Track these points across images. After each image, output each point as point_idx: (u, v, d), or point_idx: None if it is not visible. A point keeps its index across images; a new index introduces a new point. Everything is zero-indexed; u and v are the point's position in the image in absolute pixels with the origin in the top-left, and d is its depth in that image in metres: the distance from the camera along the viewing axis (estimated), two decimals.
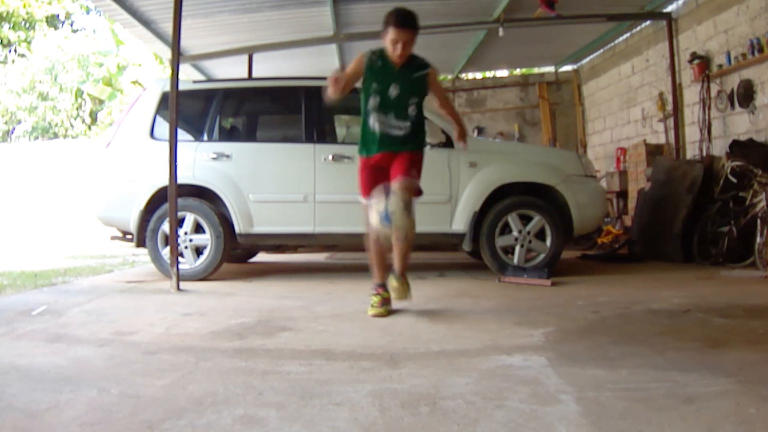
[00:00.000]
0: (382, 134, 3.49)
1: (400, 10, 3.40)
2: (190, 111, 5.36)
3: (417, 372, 2.32)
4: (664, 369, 2.30)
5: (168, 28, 5.98)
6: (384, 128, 3.48)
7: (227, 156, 5.11)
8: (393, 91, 3.44)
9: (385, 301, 3.57)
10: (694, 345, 2.65)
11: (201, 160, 5.09)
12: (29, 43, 20.20)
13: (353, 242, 5.74)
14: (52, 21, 21.30)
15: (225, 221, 5.06)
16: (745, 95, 6.02)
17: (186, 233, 5.01)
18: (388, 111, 3.46)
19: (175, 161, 4.53)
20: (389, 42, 3.39)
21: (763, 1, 5.77)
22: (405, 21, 3.35)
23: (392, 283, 3.56)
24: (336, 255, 7.25)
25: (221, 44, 7.74)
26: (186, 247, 5.02)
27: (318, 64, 9.08)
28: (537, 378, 2.21)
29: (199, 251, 5.06)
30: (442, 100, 3.70)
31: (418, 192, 3.55)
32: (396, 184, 3.34)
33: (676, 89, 7.15)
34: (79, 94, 18.60)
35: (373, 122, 3.48)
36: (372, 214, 3.28)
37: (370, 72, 3.46)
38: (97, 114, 18.59)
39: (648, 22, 7.97)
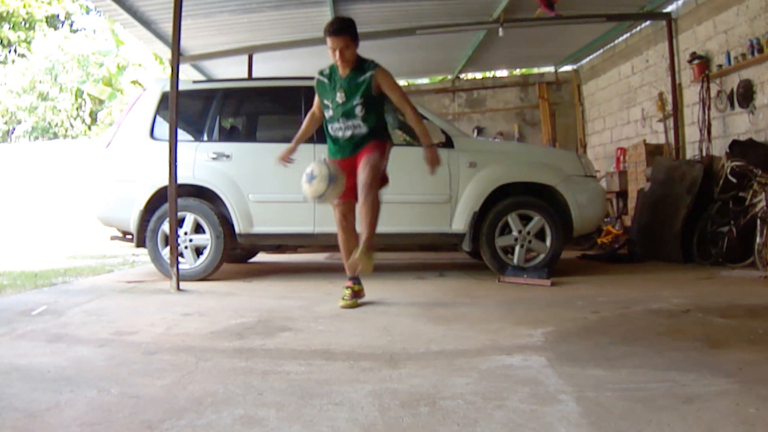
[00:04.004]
0: (337, 138, 3.78)
1: (334, 18, 3.70)
2: (190, 111, 5.36)
3: (417, 372, 2.32)
4: (664, 369, 2.30)
5: (168, 28, 5.98)
6: (337, 132, 3.75)
7: (227, 156, 5.11)
8: (339, 98, 3.68)
9: (355, 294, 3.79)
10: (694, 345, 2.65)
11: (201, 160, 5.09)
12: (29, 43, 20.19)
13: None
14: (52, 21, 21.29)
15: (225, 221, 5.06)
16: (745, 95, 6.02)
17: (186, 233, 5.01)
18: (339, 117, 3.72)
19: (175, 161, 4.53)
20: (329, 51, 3.65)
21: (762, 1, 5.77)
22: (335, 28, 3.59)
23: (355, 254, 3.66)
24: (336, 255, 7.21)
25: (221, 44, 7.74)
26: (186, 247, 5.02)
27: (318, 64, 8.97)
28: (537, 378, 2.21)
29: (199, 251, 5.06)
30: (398, 101, 3.75)
31: (381, 177, 3.73)
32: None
33: (676, 89, 7.15)
34: (79, 94, 18.59)
35: (332, 130, 3.78)
36: (303, 176, 3.54)
37: (320, 91, 3.82)
38: (97, 114, 18.58)
39: (648, 23, 7.97)
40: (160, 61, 16.73)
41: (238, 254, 6.28)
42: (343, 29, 3.60)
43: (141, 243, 5.09)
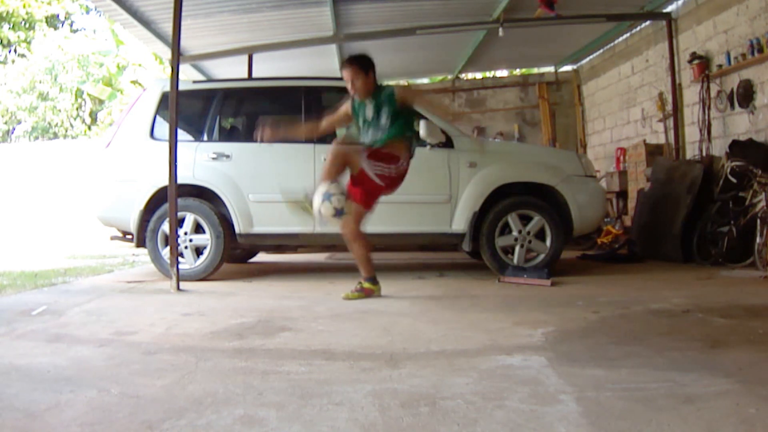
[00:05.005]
0: (364, 141, 4.13)
1: (348, 56, 4.17)
2: (190, 111, 5.36)
3: (417, 372, 2.32)
4: (664, 369, 2.30)
5: (168, 28, 5.98)
6: (365, 138, 4.12)
7: (227, 156, 5.11)
8: (368, 113, 4.07)
9: (362, 290, 4.07)
10: (694, 345, 2.65)
11: (201, 160, 5.09)
12: (29, 43, 20.18)
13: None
14: (52, 21, 21.28)
15: (225, 221, 5.06)
16: (745, 95, 6.01)
17: (186, 233, 5.01)
18: (367, 128, 4.10)
19: (175, 161, 4.53)
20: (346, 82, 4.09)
21: (762, 1, 5.76)
22: (345, 61, 4.11)
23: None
24: (336, 255, 7.25)
25: (221, 44, 7.74)
26: (186, 247, 5.02)
27: (318, 64, 9.08)
28: (537, 378, 2.21)
29: (199, 251, 5.06)
30: (426, 106, 4.18)
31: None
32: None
33: (676, 89, 7.14)
34: (79, 94, 18.58)
35: (361, 137, 4.16)
36: (317, 194, 3.82)
37: (353, 111, 4.18)
38: (97, 114, 18.57)
39: (648, 22, 7.97)
40: (160, 61, 16.72)
41: (238, 254, 6.28)
42: (351, 62, 4.03)
43: (141, 243, 5.08)
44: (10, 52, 20.38)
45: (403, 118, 4.07)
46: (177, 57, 4.69)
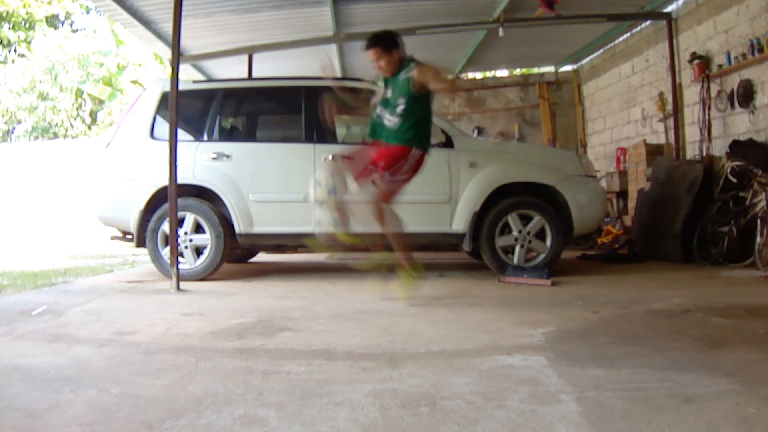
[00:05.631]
0: (375, 123, 4.01)
1: (369, 36, 4.04)
2: (190, 111, 5.36)
3: (417, 372, 2.32)
4: (664, 369, 2.30)
5: (168, 28, 5.98)
6: (378, 118, 3.99)
7: (227, 156, 5.11)
8: (387, 93, 3.97)
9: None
10: (694, 345, 2.65)
11: (201, 160, 5.09)
12: (29, 43, 20.17)
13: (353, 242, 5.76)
14: (52, 21, 21.27)
15: (225, 221, 5.06)
16: (745, 95, 6.01)
17: (186, 233, 5.01)
18: (382, 106, 3.99)
19: (175, 161, 4.53)
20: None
21: (763, 1, 5.76)
22: (367, 44, 3.98)
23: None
24: (336, 255, 7.24)
25: (221, 44, 7.74)
26: (186, 247, 5.01)
27: (318, 64, 9.07)
28: (537, 378, 2.21)
29: (199, 251, 5.06)
30: (434, 80, 3.88)
31: (392, 192, 3.95)
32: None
33: (676, 89, 7.14)
34: (79, 94, 18.58)
35: (375, 112, 4.03)
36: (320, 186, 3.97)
37: (376, 80, 4.13)
38: (97, 114, 18.57)
39: (648, 22, 7.97)
40: (160, 61, 16.73)
41: (238, 254, 6.28)
42: (372, 43, 3.93)
43: (141, 243, 5.08)
44: (10, 52, 20.38)
45: (419, 109, 3.88)
46: (177, 57, 4.69)
